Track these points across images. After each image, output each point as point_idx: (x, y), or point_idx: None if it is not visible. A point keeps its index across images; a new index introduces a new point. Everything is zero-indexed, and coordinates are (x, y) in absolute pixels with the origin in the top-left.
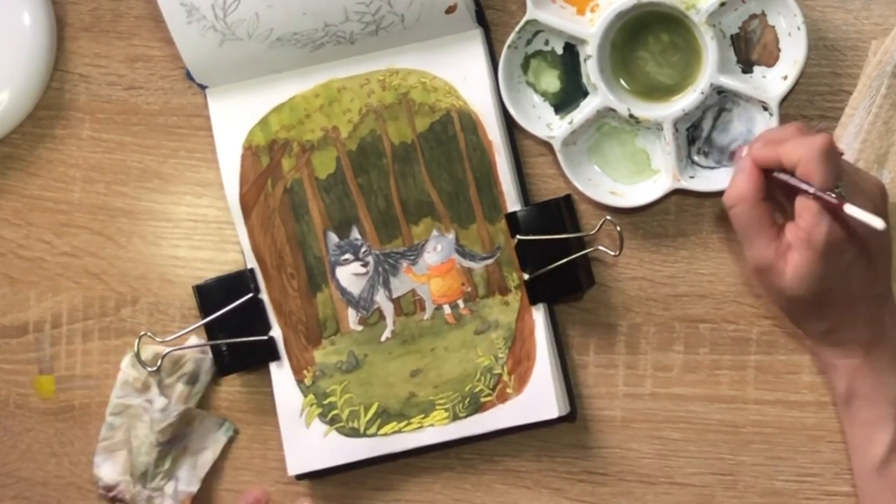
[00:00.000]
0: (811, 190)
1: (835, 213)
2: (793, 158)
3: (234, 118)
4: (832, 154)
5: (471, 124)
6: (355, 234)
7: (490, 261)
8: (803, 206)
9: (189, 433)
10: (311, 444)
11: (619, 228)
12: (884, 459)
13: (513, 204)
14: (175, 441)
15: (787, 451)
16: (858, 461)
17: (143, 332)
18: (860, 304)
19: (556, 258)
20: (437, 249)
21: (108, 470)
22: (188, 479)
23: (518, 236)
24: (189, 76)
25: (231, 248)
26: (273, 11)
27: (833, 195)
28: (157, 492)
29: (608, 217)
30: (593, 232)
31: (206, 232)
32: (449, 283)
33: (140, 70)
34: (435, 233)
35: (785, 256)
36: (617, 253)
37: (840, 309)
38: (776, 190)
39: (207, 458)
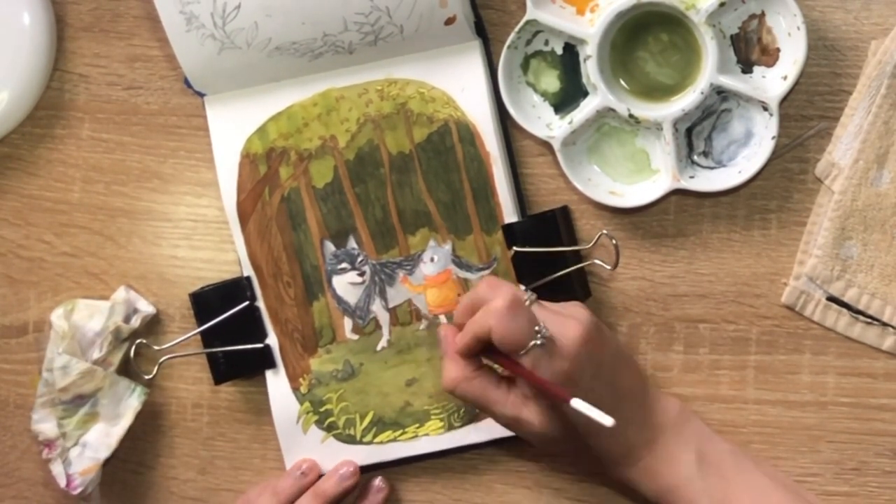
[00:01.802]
0: (526, 370)
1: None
2: (485, 333)
3: (232, 126)
4: (514, 309)
5: (468, 135)
6: (352, 243)
7: (486, 272)
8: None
9: (98, 397)
10: (309, 450)
11: (615, 242)
12: None
13: (509, 215)
14: (79, 402)
15: (787, 451)
16: None
17: (138, 340)
18: (626, 408)
19: (552, 270)
20: (434, 260)
21: (50, 426)
22: (97, 445)
23: (514, 248)
24: (187, 83)
25: (231, 249)
26: (272, 21)
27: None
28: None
29: (605, 231)
30: (589, 245)
31: (206, 232)
32: (445, 293)
33: (140, 70)
34: (431, 243)
35: (526, 407)
36: (612, 268)
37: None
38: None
39: (123, 425)
